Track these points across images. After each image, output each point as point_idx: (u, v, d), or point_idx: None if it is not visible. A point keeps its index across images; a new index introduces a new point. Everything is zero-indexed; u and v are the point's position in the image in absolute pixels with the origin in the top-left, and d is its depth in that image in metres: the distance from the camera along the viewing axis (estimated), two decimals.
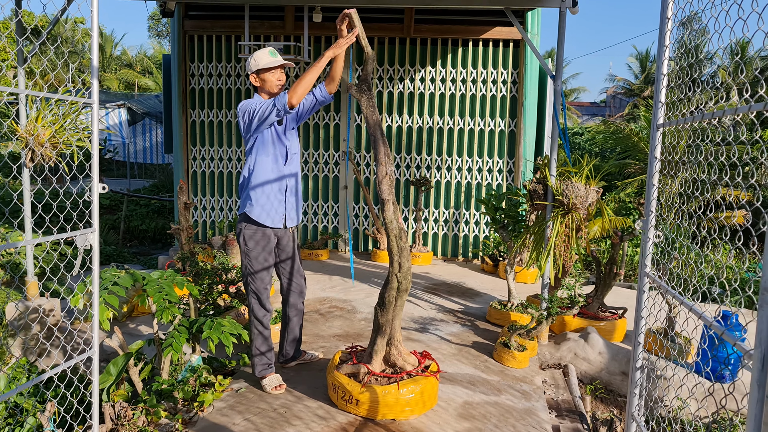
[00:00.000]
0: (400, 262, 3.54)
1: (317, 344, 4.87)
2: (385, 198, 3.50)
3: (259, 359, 4.05)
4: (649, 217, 2.32)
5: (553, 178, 4.96)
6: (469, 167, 8.18)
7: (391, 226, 3.51)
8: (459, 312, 5.86)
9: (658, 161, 2.32)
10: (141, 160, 20.25)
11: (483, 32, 7.86)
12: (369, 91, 3.64)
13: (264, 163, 3.81)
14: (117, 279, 3.67)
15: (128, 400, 3.94)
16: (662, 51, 2.29)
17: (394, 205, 3.54)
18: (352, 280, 5.54)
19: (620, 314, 5.44)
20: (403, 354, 3.76)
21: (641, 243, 2.31)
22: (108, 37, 39.86)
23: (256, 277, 3.93)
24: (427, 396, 3.62)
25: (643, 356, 2.57)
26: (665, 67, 2.31)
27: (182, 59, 8.33)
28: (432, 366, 3.74)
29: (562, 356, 5.02)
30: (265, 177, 3.82)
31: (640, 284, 2.41)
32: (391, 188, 3.55)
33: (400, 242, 3.53)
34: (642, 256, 2.34)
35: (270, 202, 3.85)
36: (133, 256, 12.13)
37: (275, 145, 3.83)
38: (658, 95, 2.36)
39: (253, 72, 3.84)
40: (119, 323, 5.76)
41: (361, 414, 3.56)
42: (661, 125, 2.34)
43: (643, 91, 40.47)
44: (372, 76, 3.83)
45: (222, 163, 8.60)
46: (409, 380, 3.59)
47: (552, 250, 4.86)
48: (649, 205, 2.34)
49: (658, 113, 2.35)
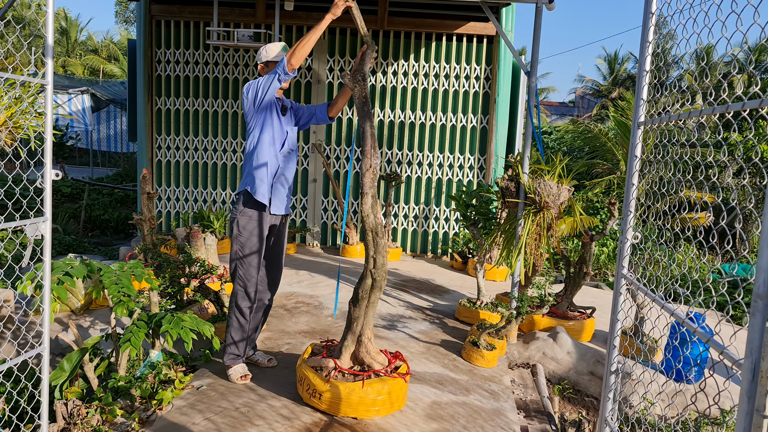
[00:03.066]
0: (375, 258, 3.44)
1: (282, 340, 4.74)
2: (365, 191, 3.40)
3: (230, 348, 3.97)
4: (627, 218, 2.25)
5: (526, 176, 4.91)
6: (440, 163, 8.10)
7: (368, 220, 3.40)
8: (428, 309, 5.78)
9: (639, 160, 2.26)
10: (105, 148, 19.74)
11: (457, 27, 7.79)
12: (363, 82, 3.58)
13: (264, 141, 3.83)
14: (70, 269, 3.49)
15: (82, 397, 3.76)
16: (645, 47, 2.22)
17: (374, 199, 3.44)
18: (335, 314, 5.16)
19: (589, 314, 5.43)
20: (372, 352, 3.66)
21: (619, 243, 2.25)
22: (73, 22, 38.81)
23: (245, 262, 3.85)
24: (395, 397, 3.53)
25: (619, 359, 2.51)
26: (648, 63, 2.25)
27: (148, 45, 8.07)
28: (402, 367, 3.64)
29: (530, 355, 4.98)
30: (265, 156, 3.84)
31: (617, 286, 2.35)
32: (373, 182, 3.45)
33: (377, 237, 3.43)
34: (619, 257, 2.28)
35: (264, 182, 3.85)
36: (94, 246, 11.79)
37: (274, 128, 3.85)
38: (640, 92, 2.29)
39: (263, 62, 3.88)
40: (77, 316, 5.54)
41: (323, 409, 3.48)
42: (642, 123, 2.27)
43: (611, 92, 41.04)
44: (371, 66, 3.77)
45: (188, 152, 8.37)
46: (375, 380, 3.49)
47: (523, 249, 4.81)
48: (628, 205, 2.27)
49: (639, 111, 2.28)
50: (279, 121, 3.89)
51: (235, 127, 8.26)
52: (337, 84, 8.13)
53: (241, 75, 8.15)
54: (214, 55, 8.14)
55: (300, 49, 3.53)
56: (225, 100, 8.23)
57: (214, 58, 8.15)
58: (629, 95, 14.85)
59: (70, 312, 5.59)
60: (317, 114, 4.06)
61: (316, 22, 7.51)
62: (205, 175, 8.41)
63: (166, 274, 4.67)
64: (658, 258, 2.21)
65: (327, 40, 7.99)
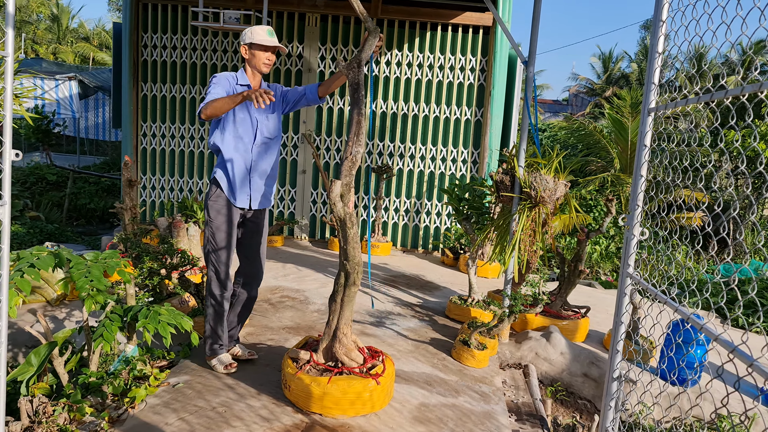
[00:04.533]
0: (345, 249, 3.27)
1: (266, 336, 4.54)
2: (339, 178, 3.22)
3: (211, 338, 3.89)
4: (634, 212, 2.07)
5: (522, 169, 4.73)
6: (432, 156, 7.91)
7: (335, 209, 3.21)
8: (417, 306, 5.60)
9: (648, 150, 2.07)
10: (93, 136, 19.38)
11: (453, 17, 7.58)
12: (358, 68, 3.41)
13: (227, 139, 3.74)
14: (36, 260, 3.27)
15: (50, 394, 3.56)
16: (658, 26, 2.03)
17: (347, 187, 3.23)
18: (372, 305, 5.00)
19: (583, 313, 5.26)
20: (348, 349, 3.47)
21: (624, 240, 2.07)
22: (65, 9, 38.28)
23: (216, 249, 3.78)
24: (368, 398, 3.33)
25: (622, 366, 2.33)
26: (660, 44, 2.05)
27: (134, 29, 7.83)
28: (377, 368, 3.44)
29: (523, 356, 4.81)
30: (229, 153, 3.74)
31: (621, 286, 2.16)
32: (349, 170, 3.25)
33: (346, 228, 3.25)
34: (624, 254, 2.10)
35: (237, 179, 3.75)
36: (77, 235, 11.54)
37: (237, 124, 3.73)
38: (651, 75, 2.10)
39: (246, 44, 3.72)
40: (52, 307, 5.32)
41: (291, 400, 3.40)
42: (653, 109, 2.08)
43: (605, 91, 41.04)
44: (375, 54, 3.59)
45: (174, 140, 8.14)
46: (343, 378, 3.33)
47: (517, 245, 4.64)
48: (636, 199, 2.08)
49: (650, 96, 2.09)
50: (245, 112, 3.74)
51: None
52: (329, 73, 7.91)
53: (229, 62, 7.92)
54: (202, 41, 7.90)
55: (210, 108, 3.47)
56: None
57: (202, 44, 7.91)
58: (625, 93, 14.71)
59: (46, 303, 5.37)
60: (307, 94, 3.90)
61: (307, 9, 7.25)
62: (191, 164, 8.18)
63: (145, 266, 4.45)
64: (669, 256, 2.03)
65: (319, 27, 7.77)
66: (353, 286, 3.38)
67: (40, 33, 37.37)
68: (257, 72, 3.77)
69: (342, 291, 3.43)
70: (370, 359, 3.54)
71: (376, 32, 3.51)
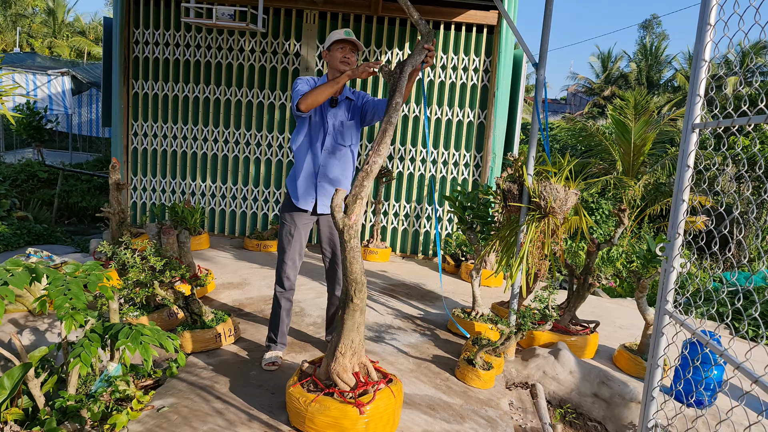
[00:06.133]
0: (344, 263, 3.09)
1: (258, 353, 4.28)
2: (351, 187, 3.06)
3: (268, 333, 4.19)
4: (674, 242, 1.81)
5: (531, 178, 4.47)
6: (433, 159, 7.65)
7: (335, 218, 2.99)
8: (418, 319, 5.34)
9: (691, 171, 1.81)
10: (86, 132, 19.08)
11: (456, 15, 7.32)
12: (399, 74, 3.26)
13: (298, 141, 3.87)
14: (9, 277, 3.01)
15: (24, 420, 3.29)
16: (705, 30, 1.77)
17: (354, 198, 2.98)
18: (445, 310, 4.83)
19: (592, 328, 5.01)
20: (342, 370, 3.22)
21: (661, 274, 1.82)
22: (60, 2, 37.89)
23: (280, 247, 4.00)
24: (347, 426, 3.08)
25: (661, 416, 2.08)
26: (708, 51, 1.79)
27: (125, 24, 7.54)
28: (367, 396, 3.17)
29: (530, 374, 4.55)
30: (299, 155, 3.88)
31: (659, 325, 1.91)
32: (361, 181, 3.02)
33: (343, 240, 3.01)
34: (662, 290, 1.85)
35: (303, 181, 3.87)
36: (67, 235, 11.25)
37: (311, 128, 3.85)
38: (696, 86, 1.83)
39: (326, 49, 3.85)
40: (34, 317, 5.05)
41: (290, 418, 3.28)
42: (698, 125, 1.82)
43: (604, 90, 40.87)
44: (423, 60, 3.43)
45: (166, 140, 7.86)
46: (328, 399, 3.10)
47: (525, 258, 4.38)
48: (676, 226, 1.83)
49: (695, 110, 1.83)
50: (320, 117, 3.83)
51: (216, 114, 7.76)
52: None
53: (224, 59, 7.63)
54: (196, 37, 7.62)
55: (311, 96, 3.57)
56: (207, 85, 7.72)
57: (196, 40, 7.63)
58: (628, 94, 14.45)
59: (27, 312, 5.10)
60: (378, 110, 3.87)
61: (305, 5, 6.97)
62: (183, 165, 7.91)
63: (131, 278, 4.18)
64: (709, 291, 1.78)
65: (317, 24, 7.50)
66: (352, 302, 3.14)
67: (36, 27, 36.99)
68: (338, 71, 3.78)
69: (342, 307, 3.21)
70: (363, 385, 3.26)
71: (429, 36, 3.38)
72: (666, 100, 33.66)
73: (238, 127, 7.76)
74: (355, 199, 3.02)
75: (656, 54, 40.21)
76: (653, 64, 40.05)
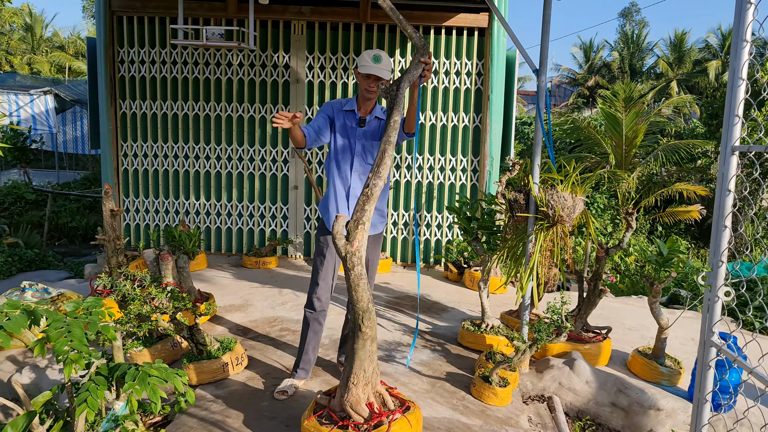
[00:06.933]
0: (348, 292, 2.98)
1: (268, 380, 4.16)
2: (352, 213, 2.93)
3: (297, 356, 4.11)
4: (718, 270, 1.72)
5: (536, 187, 4.38)
6: (430, 165, 7.55)
7: (336, 245, 2.87)
8: (427, 333, 5.24)
9: (732, 195, 1.71)
10: (72, 150, 18.83)
11: (445, 19, 7.22)
12: (396, 91, 3.13)
13: (329, 164, 3.88)
14: (5, 321, 2.88)
15: None
16: (741, 48, 1.66)
17: (356, 224, 2.87)
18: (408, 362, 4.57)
19: (605, 334, 4.93)
20: (355, 401, 3.11)
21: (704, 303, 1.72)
22: (38, 18, 37.47)
23: (314, 269, 3.95)
24: None
25: None
26: (744, 69, 1.68)
27: (109, 43, 7.38)
28: (381, 429, 3.06)
29: (545, 386, 4.46)
30: (330, 178, 3.87)
31: (705, 357, 1.81)
32: (362, 206, 2.90)
33: (347, 268, 2.90)
34: (706, 321, 1.75)
35: (334, 204, 3.86)
36: (59, 259, 11.06)
37: (338, 151, 3.83)
38: (734, 106, 1.72)
39: (356, 69, 3.76)
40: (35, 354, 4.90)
41: None
42: (738, 148, 1.70)
43: (588, 80, 40.99)
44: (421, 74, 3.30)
45: (157, 159, 7.71)
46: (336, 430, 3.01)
47: (535, 268, 4.28)
48: (719, 254, 1.73)
49: (734, 131, 1.72)
50: (345, 137, 3.82)
51: (207, 131, 7.62)
52: (318, 83, 7.51)
53: (212, 75, 7.50)
54: (182, 54, 7.47)
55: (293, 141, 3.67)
56: (196, 102, 7.58)
57: (183, 57, 7.48)
58: (618, 87, 14.41)
59: (26, 348, 4.95)
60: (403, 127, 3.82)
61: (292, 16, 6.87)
62: (176, 184, 7.76)
63: (132, 311, 4.05)
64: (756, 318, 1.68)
65: (306, 35, 7.38)
66: (361, 331, 3.03)
67: (14, 43, 36.55)
68: (363, 98, 3.77)
69: (351, 337, 3.10)
70: (377, 416, 3.15)
71: (424, 49, 3.24)
72: (650, 87, 33.77)
73: (230, 142, 7.63)
74: (356, 225, 2.90)
75: (638, 42, 40.37)
76: (635, 52, 40.20)
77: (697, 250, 13.41)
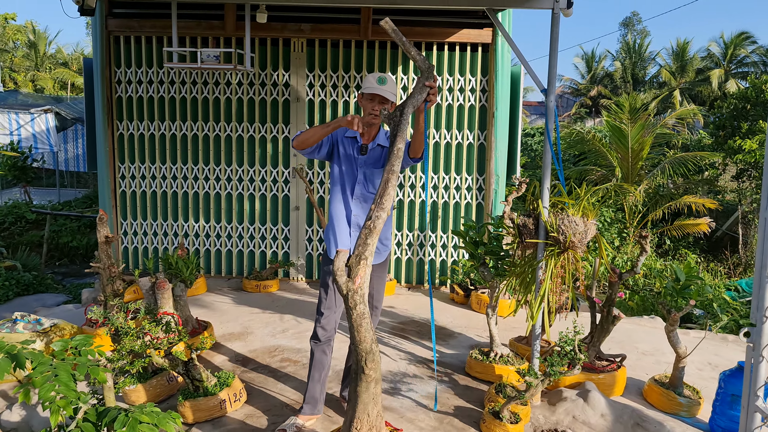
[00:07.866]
0: (350, 332, 2.80)
1: (270, 418, 3.96)
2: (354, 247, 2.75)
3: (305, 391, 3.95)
4: (761, 326, 1.52)
5: (546, 211, 4.19)
6: (434, 184, 7.37)
7: (337, 282, 2.68)
8: (433, 363, 5.03)
9: None
10: (73, 168, 18.73)
11: (448, 35, 7.07)
12: (400, 117, 2.94)
13: (332, 190, 3.79)
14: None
15: None
16: None
17: (358, 259, 2.68)
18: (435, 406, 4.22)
19: (619, 362, 4.72)
20: None
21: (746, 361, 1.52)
22: (41, 35, 37.60)
23: (319, 299, 3.82)
24: None
25: None
26: None
27: (106, 64, 7.25)
28: None
29: (558, 420, 4.25)
30: (333, 205, 3.77)
31: (749, 423, 1.62)
32: (365, 240, 2.71)
33: (347, 306, 2.72)
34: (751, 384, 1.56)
35: (337, 232, 3.74)
36: (58, 280, 10.91)
37: (342, 176, 3.74)
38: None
39: (360, 92, 3.66)
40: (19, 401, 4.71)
41: None
42: None
43: (590, 90, 40.89)
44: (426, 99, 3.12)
45: (155, 181, 7.56)
46: None
47: (546, 296, 4.09)
48: (762, 309, 1.54)
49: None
50: (348, 164, 3.71)
51: (206, 152, 7.46)
52: (318, 102, 7.36)
53: (211, 94, 7.35)
54: (180, 74, 7.33)
55: (303, 135, 3.51)
56: (194, 122, 7.43)
57: (181, 77, 7.34)
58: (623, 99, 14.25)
59: (17, 382, 4.77)
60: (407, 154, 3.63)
61: (291, 33, 6.68)
62: (175, 206, 7.60)
63: (125, 348, 3.86)
64: None
65: (306, 52, 7.24)
66: (364, 374, 2.84)
67: (18, 61, 36.67)
68: (366, 122, 3.54)
69: (354, 379, 2.91)
70: None
71: (429, 72, 3.06)
72: (653, 96, 33.63)
73: (230, 163, 7.47)
74: (358, 260, 2.71)
75: (639, 51, 40.30)
76: (637, 62, 40.11)
77: (706, 263, 13.17)
